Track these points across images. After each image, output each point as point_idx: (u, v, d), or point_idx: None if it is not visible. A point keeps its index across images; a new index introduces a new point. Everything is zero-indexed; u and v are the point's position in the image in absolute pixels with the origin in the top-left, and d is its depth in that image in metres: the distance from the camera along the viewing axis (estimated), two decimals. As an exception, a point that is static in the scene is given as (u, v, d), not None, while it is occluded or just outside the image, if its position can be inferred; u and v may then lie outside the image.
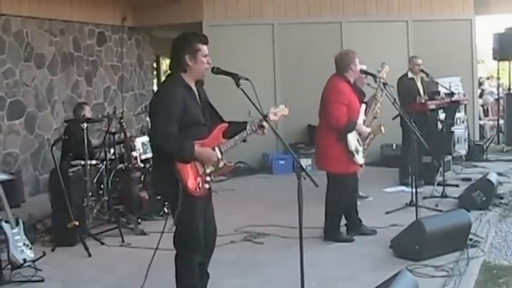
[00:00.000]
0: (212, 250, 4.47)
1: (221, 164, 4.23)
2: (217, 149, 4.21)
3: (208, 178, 4.16)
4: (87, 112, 7.75)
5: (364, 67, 6.44)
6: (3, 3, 8.70)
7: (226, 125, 4.31)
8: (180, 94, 4.09)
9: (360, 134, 6.17)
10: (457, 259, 5.38)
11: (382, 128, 6.47)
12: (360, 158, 6.16)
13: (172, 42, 4.23)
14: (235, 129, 4.30)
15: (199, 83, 4.31)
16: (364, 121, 6.25)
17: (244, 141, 4.33)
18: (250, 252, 6.01)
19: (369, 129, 6.27)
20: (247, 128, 4.26)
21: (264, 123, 4.22)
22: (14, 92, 9.07)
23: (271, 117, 4.32)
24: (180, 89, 4.12)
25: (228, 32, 11.32)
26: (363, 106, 6.29)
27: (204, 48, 4.17)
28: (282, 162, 10.80)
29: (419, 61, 9.03)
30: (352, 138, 6.07)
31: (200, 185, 4.11)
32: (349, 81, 6.17)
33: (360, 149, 6.17)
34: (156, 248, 4.29)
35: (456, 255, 5.47)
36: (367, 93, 7.00)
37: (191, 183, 4.05)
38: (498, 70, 14.12)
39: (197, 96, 4.24)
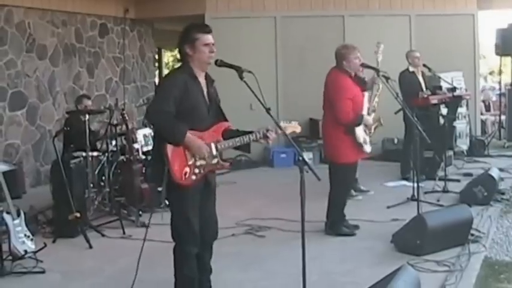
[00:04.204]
0: (212, 243, 4.46)
1: (215, 161, 4.21)
2: (213, 145, 4.19)
3: (197, 170, 4.12)
4: (89, 104, 7.75)
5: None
6: (5, -6, 8.69)
7: (228, 124, 4.31)
8: (182, 78, 4.11)
9: (366, 125, 6.24)
10: (459, 254, 5.38)
11: (382, 120, 6.47)
12: (368, 148, 6.29)
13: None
14: (235, 134, 4.28)
15: (209, 79, 4.30)
16: (368, 109, 6.29)
17: (245, 149, 4.31)
18: (251, 246, 6.01)
19: (372, 117, 6.33)
20: (252, 134, 4.23)
21: (269, 134, 4.20)
22: (16, 83, 9.06)
23: (279, 131, 4.27)
24: (183, 75, 4.14)
25: (230, 24, 11.27)
26: (366, 95, 6.32)
27: (204, 37, 4.15)
28: (283, 155, 10.79)
29: (417, 54, 9.00)
30: (359, 131, 6.16)
31: (187, 175, 4.07)
32: (349, 74, 6.19)
33: (367, 138, 6.28)
34: (144, 239, 4.34)
35: (457, 251, 5.47)
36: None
37: (177, 170, 4.02)
38: (500, 65, 14.10)
39: (203, 88, 4.23)
